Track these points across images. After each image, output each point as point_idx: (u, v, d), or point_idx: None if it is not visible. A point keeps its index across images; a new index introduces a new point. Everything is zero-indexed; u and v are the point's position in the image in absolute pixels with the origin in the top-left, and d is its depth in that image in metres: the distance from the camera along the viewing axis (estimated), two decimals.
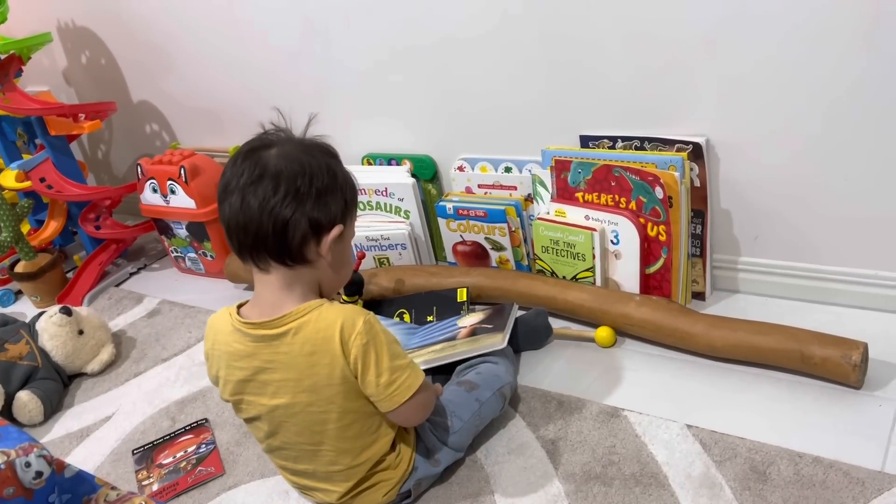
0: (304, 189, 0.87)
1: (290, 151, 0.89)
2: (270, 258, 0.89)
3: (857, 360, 1.02)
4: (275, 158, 0.88)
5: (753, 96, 1.15)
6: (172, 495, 1.13)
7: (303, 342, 0.89)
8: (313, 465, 0.97)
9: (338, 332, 0.88)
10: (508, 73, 1.35)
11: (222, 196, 0.89)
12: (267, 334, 0.90)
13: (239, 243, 0.90)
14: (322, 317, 0.89)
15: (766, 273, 1.29)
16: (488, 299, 1.39)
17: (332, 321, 0.88)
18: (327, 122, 1.58)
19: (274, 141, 0.91)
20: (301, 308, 0.89)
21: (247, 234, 0.88)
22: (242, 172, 0.87)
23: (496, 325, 1.21)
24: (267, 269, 0.91)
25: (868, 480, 0.91)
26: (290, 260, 0.89)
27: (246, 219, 0.87)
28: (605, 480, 0.99)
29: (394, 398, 0.90)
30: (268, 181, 0.86)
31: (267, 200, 0.86)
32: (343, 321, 0.88)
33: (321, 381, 0.90)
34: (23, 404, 1.35)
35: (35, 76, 2.12)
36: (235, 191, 0.87)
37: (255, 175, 0.86)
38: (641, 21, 1.17)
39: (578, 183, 1.31)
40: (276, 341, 0.90)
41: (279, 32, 1.58)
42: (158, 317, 1.67)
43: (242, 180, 0.87)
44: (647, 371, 1.19)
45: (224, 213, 0.89)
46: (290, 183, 0.86)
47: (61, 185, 1.78)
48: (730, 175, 1.24)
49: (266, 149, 0.89)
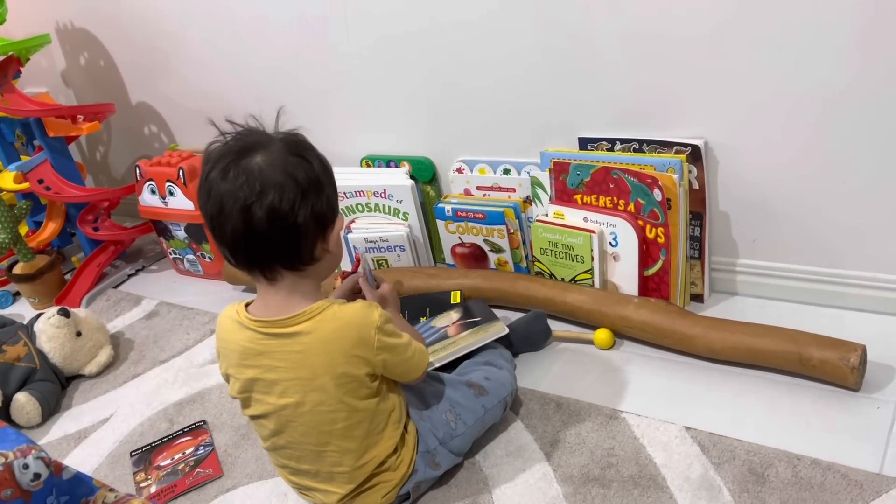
0: (305, 191, 0.86)
1: (276, 155, 0.86)
2: (282, 267, 0.90)
3: (856, 363, 1.02)
4: (268, 167, 0.85)
5: (752, 99, 1.15)
6: (171, 497, 1.13)
7: (318, 341, 0.89)
8: (316, 466, 0.97)
9: (358, 329, 0.90)
10: (507, 75, 1.35)
11: (219, 219, 0.86)
12: (281, 332, 0.90)
13: (248, 261, 0.89)
14: (338, 316, 0.90)
15: (765, 275, 1.29)
16: (487, 301, 1.39)
17: (350, 320, 0.90)
18: (326, 124, 1.61)
19: (253, 145, 0.87)
20: (314, 307, 0.90)
21: (258, 250, 0.87)
22: (238, 189, 0.84)
23: (484, 317, 1.24)
24: (276, 277, 0.91)
25: (866, 482, 0.91)
26: (301, 264, 0.90)
27: (255, 235, 0.85)
28: (604, 482, 0.99)
29: (419, 366, 0.98)
30: (272, 193, 0.84)
31: (276, 213, 0.84)
32: (361, 318, 0.90)
33: (335, 379, 0.90)
34: (21, 406, 1.34)
35: (33, 77, 2.12)
36: (235, 210, 0.84)
37: (257, 190, 0.84)
38: (640, 23, 1.18)
39: (577, 185, 1.32)
40: (290, 340, 0.90)
41: (278, 34, 1.58)
42: (157, 318, 1.67)
43: (243, 197, 0.84)
44: (646, 373, 1.19)
45: (226, 234, 0.86)
46: (293, 189, 0.85)
47: (59, 187, 1.78)
48: (728, 177, 1.24)
49: (249, 155, 0.86)
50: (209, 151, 0.89)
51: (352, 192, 1.53)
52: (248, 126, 0.92)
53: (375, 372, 0.93)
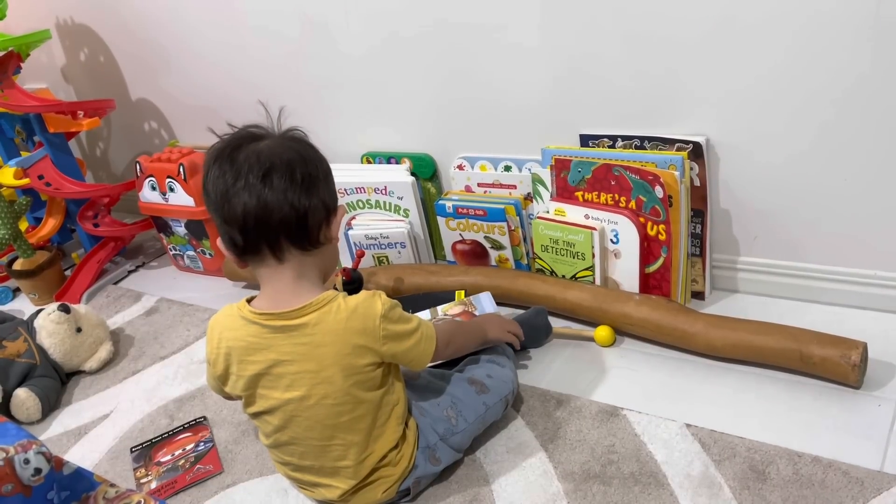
0: (313, 175, 0.90)
1: (280, 143, 0.91)
2: (291, 245, 0.90)
3: (857, 360, 1.02)
4: (276, 149, 0.89)
5: (754, 96, 1.15)
6: (171, 493, 1.13)
7: (324, 332, 0.90)
8: (320, 461, 0.97)
9: (363, 319, 0.90)
10: (508, 71, 1.34)
11: (225, 197, 0.88)
12: (287, 325, 0.90)
13: (257, 237, 0.89)
14: (343, 307, 0.91)
15: (766, 273, 1.29)
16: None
17: (354, 309, 0.91)
18: (327, 121, 1.61)
19: (257, 135, 0.92)
20: (320, 299, 0.90)
21: (268, 225, 0.88)
22: (245, 170, 0.87)
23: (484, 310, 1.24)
24: (283, 258, 0.91)
25: (867, 480, 0.91)
26: (308, 244, 0.91)
27: (266, 211, 0.87)
28: (605, 480, 0.99)
29: (427, 352, 0.98)
30: (282, 171, 0.87)
31: (286, 190, 0.87)
32: (366, 307, 0.91)
33: (342, 370, 0.90)
34: (21, 402, 1.34)
35: (33, 73, 2.12)
36: (245, 188, 0.86)
37: (266, 168, 0.87)
38: (642, 20, 1.17)
39: (578, 182, 1.31)
40: (296, 332, 0.90)
41: (278, 30, 1.58)
42: (157, 315, 1.67)
43: (254, 173, 0.86)
44: (647, 370, 1.19)
45: (235, 211, 0.87)
46: (302, 171, 0.88)
47: (60, 183, 1.78)
48: (730, 175, 1.24)
49: (253, 143, 0.90)
50: (212, 147, 0.92)
51: (352, 189, 1.53)
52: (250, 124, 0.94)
53: (383, 360, 0.94)
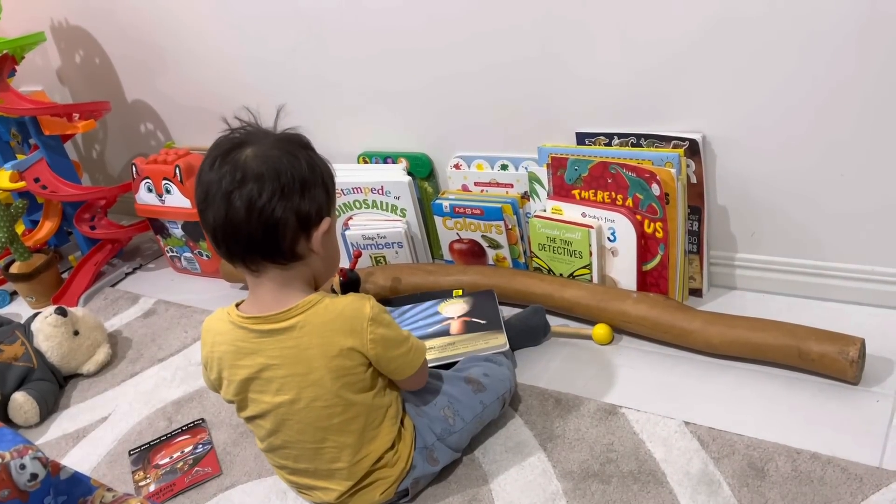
0: (287, 186, 0.86)
1: (265, 149, 0.87)
2: (264, 260, 0.89)
3: (855, 356, 1.02)
4: (253, 159, 0.86)
5: (750, 92, 1.15)
6: (169, 496, 1.12)
7: (311, 334, 0.89)
8: (314, 464, 0.97)
9: (350, 321, 0.90)
10: (504, 70, 1.34)
11: (203, 205, 0.88)
12: (273, 328, 0.90)
13: (228, 250, 0.89)
14: (330, 308, 0.90)
15: (763, 269, 1.29)
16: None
17: (341, 311, 0.90)
18: (323, 121, 1.60)
19: (246, 139, 0.89)
20: (306, 301, 0.90)
21: (237, 240, 0.87)
22: (222, 178, 0.85)
23: (490, 321, 1.23)
24: (260, 271, 0.90)
25: (866, 476, 0.91)
26: (283, 259, 0.89)
27: (234, 225, 0.86)
28: (603, 478, 0.99)
29: (413, 363, 0.96)
30: (251, 183, 0.85)
31: (254, 203, 0.85)
32: (353, 310, 0.90)
33: (330, 372, 0.90)
34: (18, 406, 1.34)
35: (29, 76, 2.11)
36: (217, 197, 0.85)
37: (238, 179, 0.85)
38: (637, 18, 1.17)
39: (575, 180, 1.31)
40: (283, 335, 0.90)
41: (274, 30, 1.57)
42: (154, 317, 1.67)
43: (224, 186, 0.85)
44: (645, 368, 1.19)
45: (208, 221, 0.88)
46: (273, 182, 0.85)
47: (56, 185, 1.77)
48: (726, 171, 1.24)
49: (240, 149, 0.87)
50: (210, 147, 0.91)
51: (349, 189, 1.53)
52: (250, 123, 0.93)
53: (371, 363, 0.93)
